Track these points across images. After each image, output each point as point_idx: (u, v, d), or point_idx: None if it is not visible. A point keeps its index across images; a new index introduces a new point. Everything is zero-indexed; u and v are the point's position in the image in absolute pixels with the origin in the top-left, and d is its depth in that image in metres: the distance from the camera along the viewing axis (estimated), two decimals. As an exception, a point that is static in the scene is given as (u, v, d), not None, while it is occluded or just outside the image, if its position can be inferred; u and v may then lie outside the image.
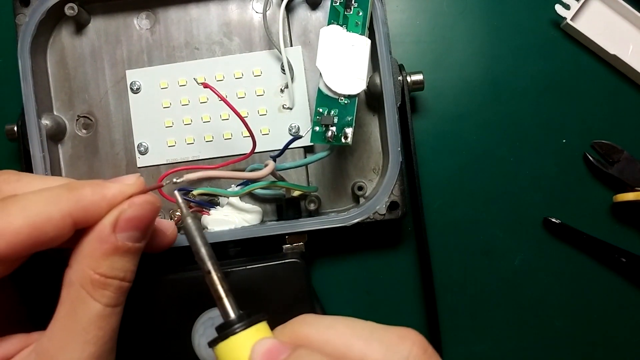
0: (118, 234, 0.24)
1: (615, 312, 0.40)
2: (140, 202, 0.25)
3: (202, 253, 0.24)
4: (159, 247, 0.29)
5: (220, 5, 0.39)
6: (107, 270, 0.24)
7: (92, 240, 0.24)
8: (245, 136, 0.38)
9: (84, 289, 0.24)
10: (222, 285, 0.24)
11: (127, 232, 0.24)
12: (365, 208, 0.35)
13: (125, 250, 0.24)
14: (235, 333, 0.22)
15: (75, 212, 0.23)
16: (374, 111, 0.39)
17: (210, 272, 0.24)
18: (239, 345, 0.22)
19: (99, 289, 0.24)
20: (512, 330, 0.40)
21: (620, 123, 0.41)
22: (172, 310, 0.33)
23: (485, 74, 0.41)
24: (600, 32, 0.40)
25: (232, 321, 0.23)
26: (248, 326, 0.22)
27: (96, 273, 0.24)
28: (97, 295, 0.24)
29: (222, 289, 0.23)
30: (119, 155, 0.39)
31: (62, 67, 0.39)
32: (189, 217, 0.25)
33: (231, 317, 0.23)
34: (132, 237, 0.24)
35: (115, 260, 0.24)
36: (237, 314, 0.23)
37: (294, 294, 0.33)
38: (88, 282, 0.24)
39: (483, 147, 0.41)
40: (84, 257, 0.24)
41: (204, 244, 0.24)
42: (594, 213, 0.40)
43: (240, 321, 0.22)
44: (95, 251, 0.24)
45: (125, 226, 0.24)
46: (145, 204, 0.25)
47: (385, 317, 0.40)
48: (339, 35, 0.32)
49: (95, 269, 0.24)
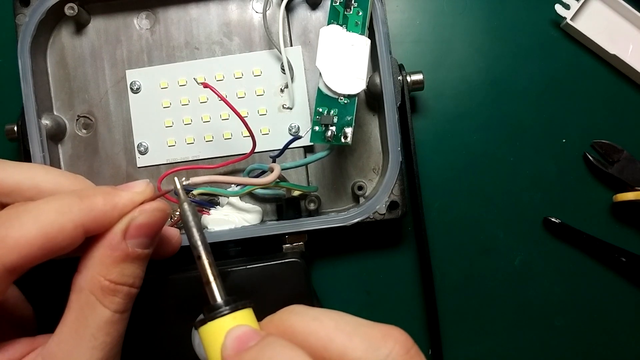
0: (128, 240, 0.24)
1: (615, 312, 0.40)
2: (151, 209, 0.25)
3: (194, 238, 0.24)
4: (165, 254, 0.29)
5: (220, 5, 0.39)
6: (117, 277, 0.24)
7: (102, 247, 0.24)
8: (245, 136, 0.38)
9: (93, 295, 0.24)
10: (211, 270, 0.24)
11: (137, 239, 0.24)
12: (365, 208, 0.35)
13: (135, 257, 0.25)
14: (217, 317, 0.22)
15: (87, 221, 0.23)
16: (374, 111, 0.39)
17: (200, 257, 0.24)
18: (219, 329, 0.22)
19: (108, 295, 0.24)
20: (512, 330, 0.40)
21: (620, 123, 0.41)
22: (172, 310, 0.33)
23: (485, 74, 0.41)
24: (600, 32, 0.40)
25: (218, 305, 0.23)
26: (231, 311, 0.23)
27: (106, 280, 0.24)
28: (106, 301, 0.24)
29: (211, 274, 0.24)
30: (119, 155, 0.39)
31: (62, 67, 0.39)
32: (185, 203, 0.25)
33: (218, 301, 0.23)
34: (142, 243, 0.25)
35: (125, 267, 0.24)
36: (224, 299, 0.23)
37: (294, 293, 0.33)
38: (98, 288, 0.24)
39: (483, 147, 0.41)
40: (94, 263, 0.24)
41: (198, 230, 0.25)
42: (594, 213, 0.40)
43: (226, 306, 0.23)
44: (106, 258, 0.24)
45: (135, 233, 0.24)
46: (156, 211, 0.25)
47: (385, 317, 0.40)
48: (338, 35, 0.32)
49: (106, 276, 0.24)
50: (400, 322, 0.39)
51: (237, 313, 0.23)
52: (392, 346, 0.21)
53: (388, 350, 0.20)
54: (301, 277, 0.33)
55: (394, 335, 0.21)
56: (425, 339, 0.40)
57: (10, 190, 0.25)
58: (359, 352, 0.20)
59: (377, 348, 0.20)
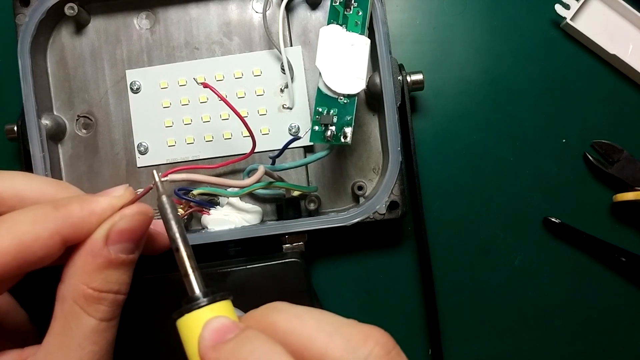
0: (110, 246, 0.24)
1: (615, 312, 0.40)
2: (132, 213, 0.24)
3: (173, 230, 0.24)
4: (156, 250, 0.28)
5: (220, 5, 0.39)
6: (101, 284, 0.23)
7: (84, 254, 0.23)
8: (245, 136, 0.38)
9: (77, 304, 0.23)
10: (190, 262, 0.23)
11: (119, 244, 0.24)
12: (365, 208, 0.35)
13: (119, 263, 0.24)
14: (194, 309, 0.22)
15: (63, 229, 0.23)
16: (373, 111, 0.39)
17: (179, 249, 0.24)
18: (197, 321, 0.22)
19: (92, 303, 0.23)
20: (512, 330, 0.40)
21: (620, 123, 0.41)
22: (171, 310, 0.33)
23: (485, 74, 0.41)
24: (600, 32, 0.40)
25: (196, 297, 0.23)
26: (209, 303, 0.22)
27: (89, 288, 0.23)
28: (91, 310, 0.23)
29: (190, 266, 0.23)
30: (119, 155, 0.39)
31: (62, 67, 0.39)
32: (164, 196, 0.25)
33: (196, 293, 0.23)
34: (126, 249, 0.24)
35: (109, 273, 0.24)
36: (203, 291, 0.23)
37: (294, 293, 0.33)
38: (81, 297, 0.23)
39: (483, 147, 0.41)
40: (76, 272, 0.23)
41: (177, 223, 0.24)
42: (594, 213, 0.40)
43: (204, 297, 0.22)
44: (88, 266, 0.23)
45: (117, 239, 0.24)
46: (137, 214, 0.24)
47: (385, 317, 0.40)
48: (338, 34, 0.32)
49: (89, 284, 0.23)
50: (400, 322, 0.39)
51: (215, 305, 0.22)
52: (372, 347, 0.20)
53: (368, 350, 0.20)
54: (301, 277, 0.33)
55: (374, 336, 0.21)
56: (425, 339, 0.40)
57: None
58: (338, 352, 0.20)
59: (357, 348, 0.20)
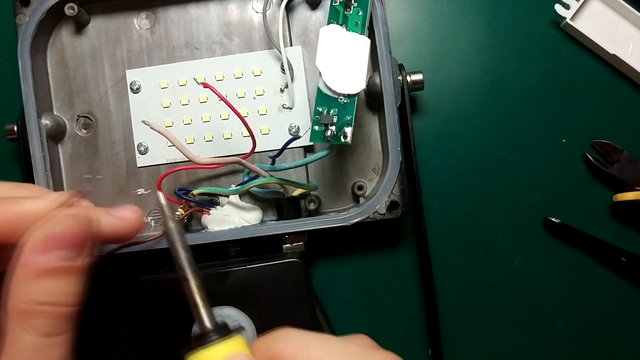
0: (42, 254, 0.21)
1: (615, 312, 0.40)
2: (62, 216, 0.22)
3: (181, 259, 0.23)
4: (123, 238, 0.26)
5: (220, 5, 0.39)
6: (40, 296, 0.21)
7: (17, 264, 0.21)
8: (245, 136, 0.38)
9: (14, 319, 0.21)
10: (199, 294, 0.23)
11: (54, 251, 0.21)
12: (365, 208, 0.35)
13: (60, 271, 0.21)
14: (207, 345, 0.22)
15: None
16: (373, 111, 0.39)
17: (187, 279, 0.23)
18: (210, 357, 0.21)
19: (28, 318, 0.21)
20: (512, 330, 0.40)
21: (620, 123, 0.41)
22: (172, 310, 0.33)
23: (485, 74, 0.41)
24: (600, 32, 0.40)
25: (207, 332, 0.22)
26: (221, 339, 0.22)
27: (23, 301, 0.21)
28: (27, 325, 0.21)
29: (199, 298, 0.23)
30: (119, 155, 0.39)
31: (62, 67, 0.39)
32: (170, 221, 0.24)
33: (206, 328, 0.22)
34: (65, 256, 0.22)
35: (48, 284, 0.21)
36: (214, 326, 0.22)
37: (294, 293, 0.33)
38: (15, 312, 0.21)
39: (483, 147, 0.41)
40: (13, 283, 0.21)
41: (184, 250, 0.23)
42: (594, 213, 0.40)
43: (216, 333, 0.22)
44: (19, 277, 0.21)
45: (50, 245, 0.21)
46: (69, 217, 0.22)
47: (385, 317, 0.40)
48: (338, 34, 0.32)
49: (23, 297, 0.21)
50: (400, 322, 0.39)
51: (228, 341, 0.22)
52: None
53: None
54: (301, 277, 0.33)
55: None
56: (425, 339, 0.40)
57: None
58: None
59: None
